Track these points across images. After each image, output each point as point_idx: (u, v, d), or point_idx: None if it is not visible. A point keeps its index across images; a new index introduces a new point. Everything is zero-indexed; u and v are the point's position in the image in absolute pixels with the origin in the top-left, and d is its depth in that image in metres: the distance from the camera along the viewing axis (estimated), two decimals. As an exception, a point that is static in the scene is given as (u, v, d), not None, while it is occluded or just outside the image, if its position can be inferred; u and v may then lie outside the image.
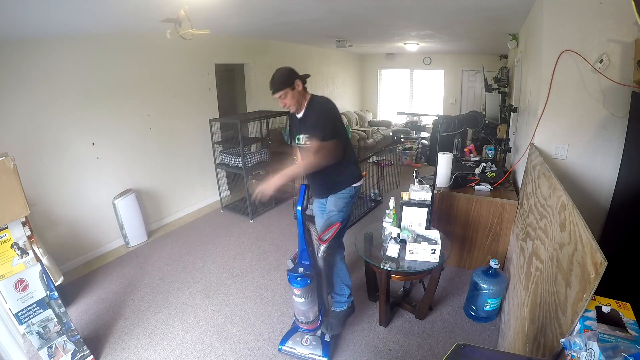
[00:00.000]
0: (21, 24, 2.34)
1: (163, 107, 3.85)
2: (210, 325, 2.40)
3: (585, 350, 0.84)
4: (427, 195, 2.29)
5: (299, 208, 1.86)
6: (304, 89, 1.98)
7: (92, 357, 2.11)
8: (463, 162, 3.37)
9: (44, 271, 1.86)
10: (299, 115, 2.04)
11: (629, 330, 0.90)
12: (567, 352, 0.92)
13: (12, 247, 1.74)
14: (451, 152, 2.95)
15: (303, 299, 1.90)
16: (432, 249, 2.05)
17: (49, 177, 3.00)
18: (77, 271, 3.10)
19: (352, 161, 2.11)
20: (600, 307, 0.98)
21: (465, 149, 3.54)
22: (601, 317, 0.96)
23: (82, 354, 2.07)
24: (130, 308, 2.61)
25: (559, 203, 1.49)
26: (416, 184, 2.44)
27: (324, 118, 1.93)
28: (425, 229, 2.26)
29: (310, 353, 2.07)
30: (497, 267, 2.21)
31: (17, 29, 2.45)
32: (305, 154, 2.04)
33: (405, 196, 2.32)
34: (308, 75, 2.00)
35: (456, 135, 3.27)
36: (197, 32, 2.39)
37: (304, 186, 1.90)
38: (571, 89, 2.14)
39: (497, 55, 6.27)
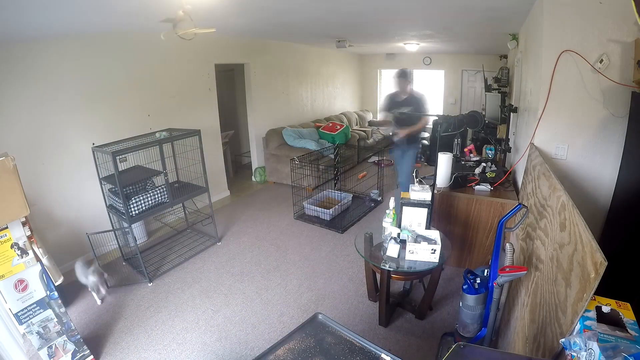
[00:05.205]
0: (21, 24, 2.34)
1: (163, 108, 3.85)
2: (210, 325, 2.40)
3: (585, 350, 0.84)
4: (427, 195, 2.28)
5: None
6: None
7: (92, 357, 2.11)
8: (463, 162, 3.37)
9: (44, 271, 1.86)
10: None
11: (629, 330, 0.90)
12: (567, 352, 0.92)
13: (12, 247, 1.74)
14: (451, 152, 2.95)
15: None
16: (432, 249, 2.05)
17: (49, 177, 3.00)
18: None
19: None
20: (600, 307, 0.98)
21: (465, 149, 3.54)
22: (601, 317, 0.96)
23: (82, 354, 2.07)
24: (130, 308, 2.60)
25: (559, 203, 1.48)
26: (416, 184, 2.44)
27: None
28: (425, 229, 2.26)
29: None
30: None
31: (18, 29, 2.46)
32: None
33: (405, 196, 2.33)
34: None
35: (456, 135, 3.27)
36: (200, 31, 2.37)
37: None
38: (571, 89, 2.14)
39: (497, 55, 6.26)
